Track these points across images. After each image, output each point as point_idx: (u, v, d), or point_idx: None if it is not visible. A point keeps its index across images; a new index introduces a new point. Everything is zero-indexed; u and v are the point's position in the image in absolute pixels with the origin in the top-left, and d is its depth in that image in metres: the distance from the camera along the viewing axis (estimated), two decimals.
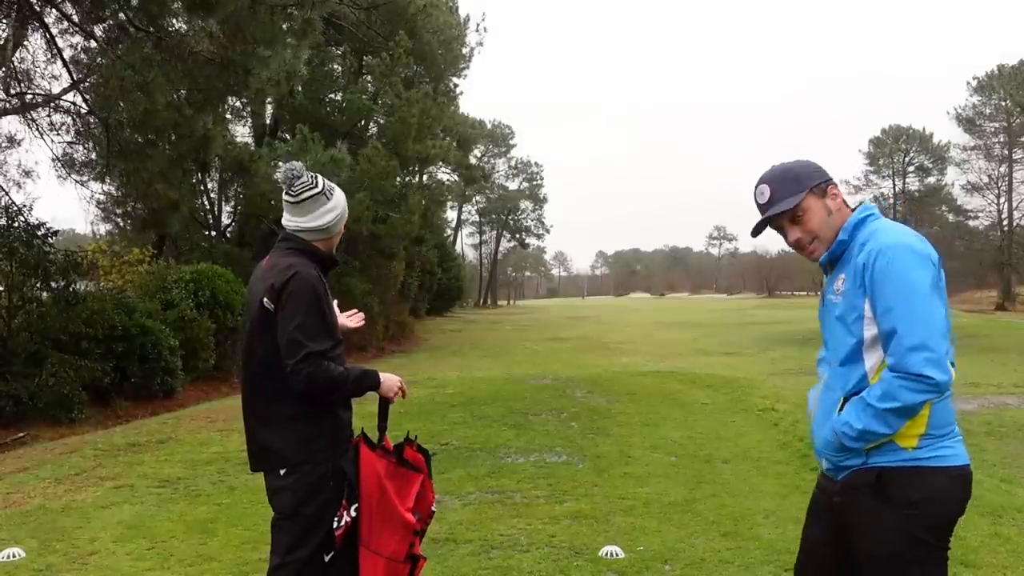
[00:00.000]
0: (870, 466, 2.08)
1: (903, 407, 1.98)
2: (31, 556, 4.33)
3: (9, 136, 14.31)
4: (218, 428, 8.32)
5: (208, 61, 11.63)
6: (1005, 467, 7.18)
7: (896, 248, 2.05)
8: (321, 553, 2.57)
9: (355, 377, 2.59)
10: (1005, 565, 4.04)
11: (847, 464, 2.13)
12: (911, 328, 1.98)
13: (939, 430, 2.06)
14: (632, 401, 9.70)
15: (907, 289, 2.01)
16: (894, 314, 2.00)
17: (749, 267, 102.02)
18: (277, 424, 2.57)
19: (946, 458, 2.05)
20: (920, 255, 2.04)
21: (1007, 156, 49.89)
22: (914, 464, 2.04)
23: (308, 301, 2.50)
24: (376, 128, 23.60)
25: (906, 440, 2.04)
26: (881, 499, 2.06)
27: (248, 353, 2.65)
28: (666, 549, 4.30)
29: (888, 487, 2.05)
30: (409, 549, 2.62)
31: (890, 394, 1.99)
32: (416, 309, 33.59)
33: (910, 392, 1.96)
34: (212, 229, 22.34)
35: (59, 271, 11.06)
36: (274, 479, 2.60)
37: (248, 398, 2.68)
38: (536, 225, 74.65)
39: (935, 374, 1.95)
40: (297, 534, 2.55)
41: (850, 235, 2.17)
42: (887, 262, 2.03)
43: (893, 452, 2.05)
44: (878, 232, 2.13)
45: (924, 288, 2.01)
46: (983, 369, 15.92)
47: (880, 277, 2.03)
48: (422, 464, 2.75)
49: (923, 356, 1.95)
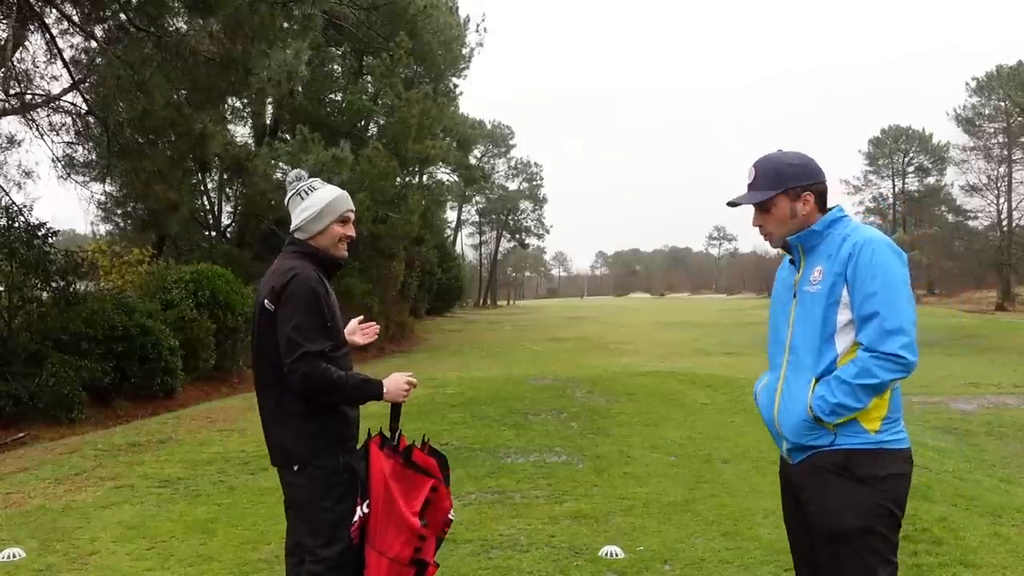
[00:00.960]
0: (836, 448, 2.27)
1: (878, 383, 2.20)
2: (31, 556, 4.33)
3: (9, 136, 14.31)
4: (218, 428, 8.33)
5: (208, 60, 11.63)
6: (1004, 467, 7.20)
7: (880, 242, 2.28)
8: (335, 548, 2.62)
9: (354, 384, 2.62)
10: (1005, 565, 4.04)
11: (814, 444, 2.30)
12: (892, 313, 2.19)
13: (895, 413, 2.29)
14: (632, 401, 9.69)
15: (890, 278, 2.22)
16: (877, 299, 2.21)
17: (749, 267, 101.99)
18: (286, 422, 2.63)
19: (900, 441, 2.29)
20: (899, 253, 2.28)
21: (1006, 157, 49.90)
22: (879, 446, 2.25)
23: (306, 301, 2.55)
24: (376, 128, 23.60)
25: (871, 423, 2.25)
26: (852, 478, 2.25)
27: (257, 354, 2.72)
28: (666, 549, 4.30)
29: (857, 466, 2.25)
30: (414, 553, 2.60)
31: (866, 371, 2.19)
32: (416, 309, 33.59)
33: (885, 371, 2.18)
34: (212, 229, 22.35)
35: (59, 271, 11.06)
36: (288, 474, 2.68)
37: (260, 397, 2.76)
38: (536, 225, 74.67)
39: (908, 355, 2.18)
40: (312, 528, 2.61)
41: (825, 228, 2.37)
42: (872, 252, 2.24)
43: (859, 435, 2.26)
44: (859, 228, 2.35)
45: (904, 280, 2.25)
46: (983, 369, 15.94)
47: (865, 266, 2.24)
48: (433, 469, 2.73)
49: (900, 339, 2.18)
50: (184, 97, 12.91)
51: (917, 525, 4.58)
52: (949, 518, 4.79)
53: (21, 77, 12.60)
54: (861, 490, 2.23)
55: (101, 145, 13.46)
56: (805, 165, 2.42)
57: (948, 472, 6.51)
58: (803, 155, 2.46)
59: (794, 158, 2.44)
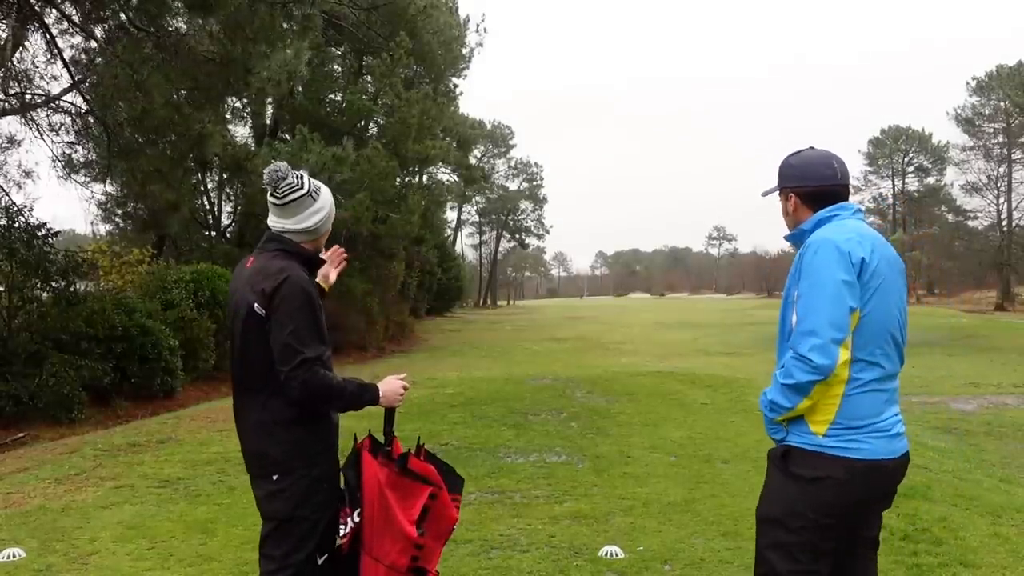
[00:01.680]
0: (784, 443, 2.35)
1: (796, 384, 2.23)
2: (31, 556, 4.33)
3: (9, 136, 14.31)
4: (218, 428, 8.32)
5: (208, 60, 11.63)
6: (1004, 467, 7.21)
7: (821, 243, 2.28)
8: (315, 555, 2.56)
9: (353, 390, 2.55)
10: (1004, 565, 4.04)
11: (776, 437, 2.41)
12: (807, 314, 2.23)
13: (852, 422, 2.25)
14: (632, 401, 9.70)
15: (816, 279, 2.24)
16: (802, 301, 2.26)
17: (748, 267, 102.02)
18: (273, 430, 2.53)
19: (852, 450, 2.24)
20: (840, 252, 2.23)
21: (1006, 156, 49.92)
22: (818, 449, 2.26)
23: (301, 306, 2.46)
24: (376, 128, 23.60)
25: (816, 425, 2.28)
26: (784, 471, 2.34)
27: (241, 359, 2.60)
28: (666, 549, 4.30)
29: (791, 463, 2.32)
30: (411, 562, 2.55)
31: (787, 371, 2.26)
32: (416, 309, 33.60)
33: (799, 371, 2.22)
34: (212, 229, 22.36)
35: (59, 271, 11.07)
36: (266, 484, 2.56)
37: (242, 403, 2.64)
38: (536, 225, 74.63)
39: (816, 357, 2.18)
40: (295, 538, 2.53)
41: (812, 228, 2.42)
42: (811, 254, 2.28)
43: (804, 435, 2.30)
44: (823, 229, 2.37)
45: (829, 281, 2.21)
46: (982, 369, 15.95)
47: (804, 268, 2.29)
48: (431, 475, 2.64)
49: (810, 340, 2.20)
50: (184, 97, 12.90)
51: (917, 525, 4.59)
52: (949, 518, 4.79)
53: (21, 77, 12.60)
54: (788, 485, 2.32)
55: (101, 145, 13.47)
56: (797, 166, 2.50)
57: (948, 472, 6.51)
58: (809, 156, 2.51)
59: (797, 159, 2.52)
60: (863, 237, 2.30)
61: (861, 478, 2.24)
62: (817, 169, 2.47)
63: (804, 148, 2.55)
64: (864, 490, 2.28)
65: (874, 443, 2.25)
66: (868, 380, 2.26)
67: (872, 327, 2.26)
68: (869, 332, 2.25)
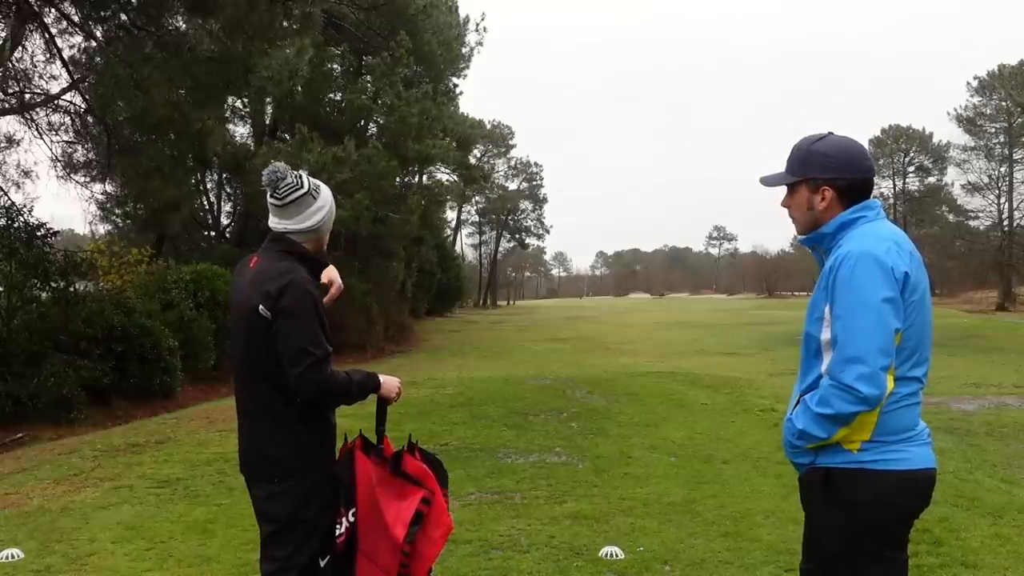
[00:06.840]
0: (818, 465, 2.14)
1: (835, 415, 2.03)
2: (30, 557, 4.32)
3: (8, 136, 14.32)
4: (217, 428, 8.31)
5: (208, 59, 11.63)
6: (1006, 468, 7.18)
7: (860, 256, 2.04)
8: (318, 558, 2.55)
9: (359, 381, 2.56)
10: (1006, 566, 4.03)
11: (799, 461, 2.22)
12: (850, 339, 2.01)
13: (890, 436, 2.08)
14: (632, 401, 9.68)
15: (856, 300, 2.02)
16: (840, 322, 2.04)
17: (749, 267, 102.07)
18: (277, 432, 2.52)
19: (891, 462, 2.08)
20: (883, 267, 2.02)
21: (1007, 156, 49.84)
22: (858, 466, 2.08)
23: (308, 308, 2.46)
24: (376, 128, 23.61)
25: (849, 444, 2.09)
26: (828, 498, 2.12)
27: (245, 361, 2.58)
28: (666, 550, 4.29)
29: (835, 487, 2.11)
30: (401, 568, 2.52)
31: (825, 400, 2.05)
32: (416, 309, 33.59)
33: (841, 401, 2.01)
34: (211, 229, 22.38)
35: (59, 271, 11.07)
36: (268, 486, 2.55)
37: (246, 406, 2.62)
38: (536, 225, 74.70)
39: (864, 388, 1.98)
40: (298, 540, 2.52)
41: (834, 231, 2.18)
42: (848, 270, 2.04)
43: (839, 453, 2.11)
44: (853, 237, 2.13)
45: (874, 301, 2.00)
46: (983, 369, 15.93)
47: (839, 283, 2.05)
48: (426, 478, 2.61)
49: (856, 369, 1.98)
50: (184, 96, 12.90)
51: (918, 525, 4.52)
52: (950, 519, 4.77)
53: (20, 76, 12.60)
54: (836, 514, 2.11)
55: (100, 144, 13.47)
56: (835, 155, 2.18)
57: (949, 472, 6.49)
58: (845, 143, 2.21)
59: (828, 146, 2.20)
60: (900, 245, 2.09)
61: (906, 490, 2.12)
62: (858, 160, 2.20)
63: (824, 133, 2.25)
64: (908, 501, 2.16)
65: (912, 452, 2.12)
66: (905, 394, 2.09)
67: (911, 342, 2.08)
68: (909, 348, 2.08)
